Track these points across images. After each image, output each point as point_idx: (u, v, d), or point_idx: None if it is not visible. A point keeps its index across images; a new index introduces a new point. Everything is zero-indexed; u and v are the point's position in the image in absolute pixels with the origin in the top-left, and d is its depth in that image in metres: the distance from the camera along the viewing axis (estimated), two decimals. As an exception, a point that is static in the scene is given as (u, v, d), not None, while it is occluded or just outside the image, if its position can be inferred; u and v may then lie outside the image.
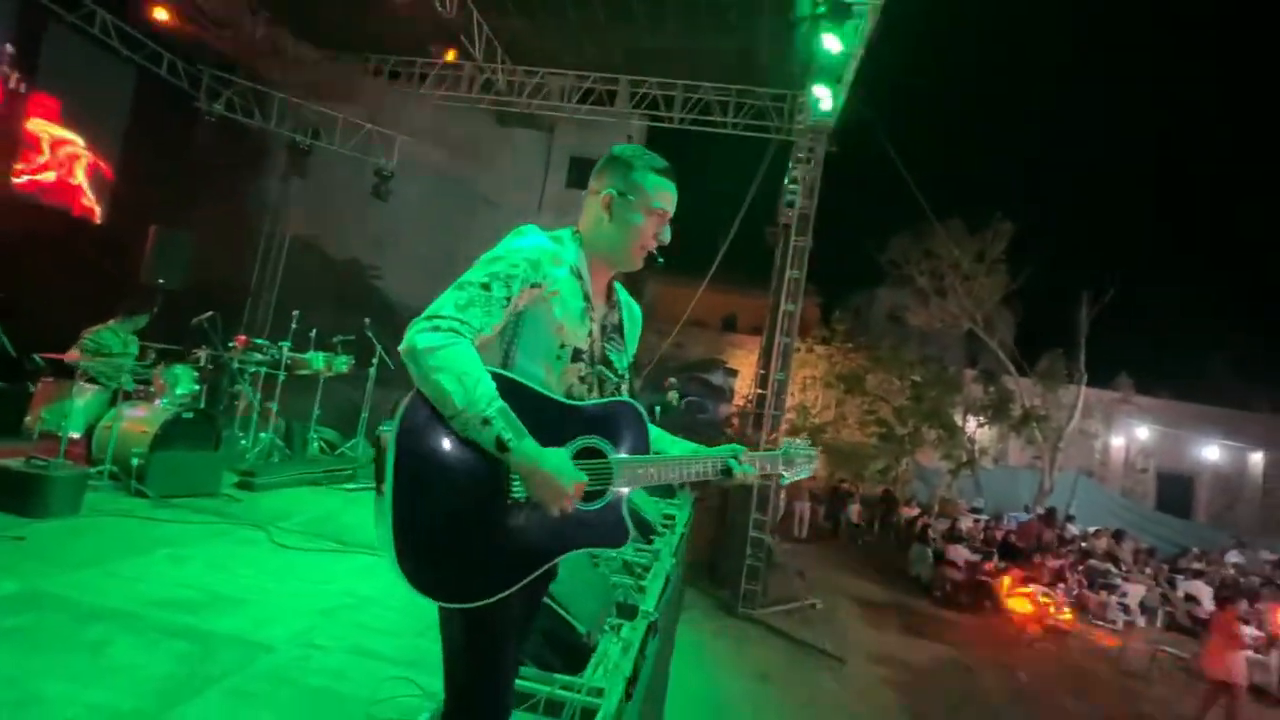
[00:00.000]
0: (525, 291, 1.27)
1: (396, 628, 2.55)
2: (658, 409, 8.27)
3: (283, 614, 2.68)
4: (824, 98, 7.28)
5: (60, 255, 6.69)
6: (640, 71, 8.94)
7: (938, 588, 10.29)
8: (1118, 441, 21.05)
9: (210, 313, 5.17)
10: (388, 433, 1.19)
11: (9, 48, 6.75)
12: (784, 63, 7.91)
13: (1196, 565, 12.14)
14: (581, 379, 1.37)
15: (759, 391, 8.81)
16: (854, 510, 14.72)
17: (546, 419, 1.26)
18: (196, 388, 5.02)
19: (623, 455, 1.36)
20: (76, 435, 4.27)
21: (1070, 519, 15.15)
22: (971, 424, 18.55)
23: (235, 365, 5.43)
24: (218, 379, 5.63)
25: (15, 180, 7.03)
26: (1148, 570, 11.69)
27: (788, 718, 5.57)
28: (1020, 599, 8.75)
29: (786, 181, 8.62)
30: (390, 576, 1.22)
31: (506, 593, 1.20)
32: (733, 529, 8.57)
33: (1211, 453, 20.06)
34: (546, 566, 1.28)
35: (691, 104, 8.99)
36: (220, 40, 8.34)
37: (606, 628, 2.66)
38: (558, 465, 1.19)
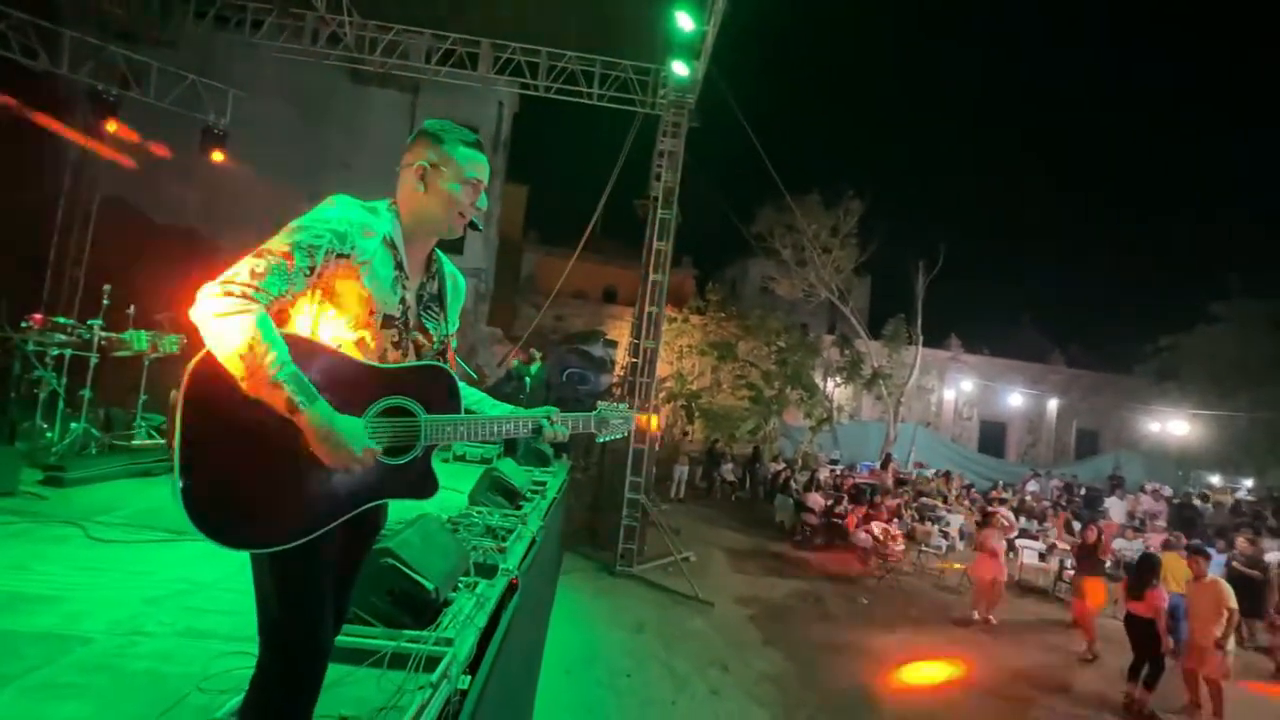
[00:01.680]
0: (331, 262, 1.31)
1: (235, 607, 2.45)
2: (527, 379, 8.30)
3: (101, 606, 2.47)
4: (681, 73, 7.53)
5: None
6: (501, 35, 8.69)
7: (798, 532, 11.37)
8: (949, 394, 24.10)
9: (-8, 287, 4.44)
10: (176, 394, 1.21)
11: None
12: (645, 34, 8.05)
13: (1004, 495, 14.35)
14: (395, 344, 1.44)
15: (632, 360, 9.11)
16: (727, 469, 15.71)
17: (348, 380, 1.33)
18: (-20, 374, 4.34)
19: (432, 415, 1.44)
20: None
21: (920, 465, 17.24)
22: (830, 384, 20.37)
23: (30, 348, 4.73)
24: (8, 364, 4.88)
25: None
26: (966, 503, 13.66)
27: (659, 660, 5.98)
28: (863, 535, 9.90)
29: (655, 155, 8.85)
30: (230, 560, 1.26)
31: (310, 537, 1.28)
32: (610, 494, 8.89)
33: (1017, 400, 23.56)
34: (350, 515, 1.35)
35: (557, 73, 8.90)
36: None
37: (461, 586, 2.75)
38: (348, 429, 1.26)
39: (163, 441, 5.62)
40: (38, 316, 4.96)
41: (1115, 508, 13.04)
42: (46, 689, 1.92)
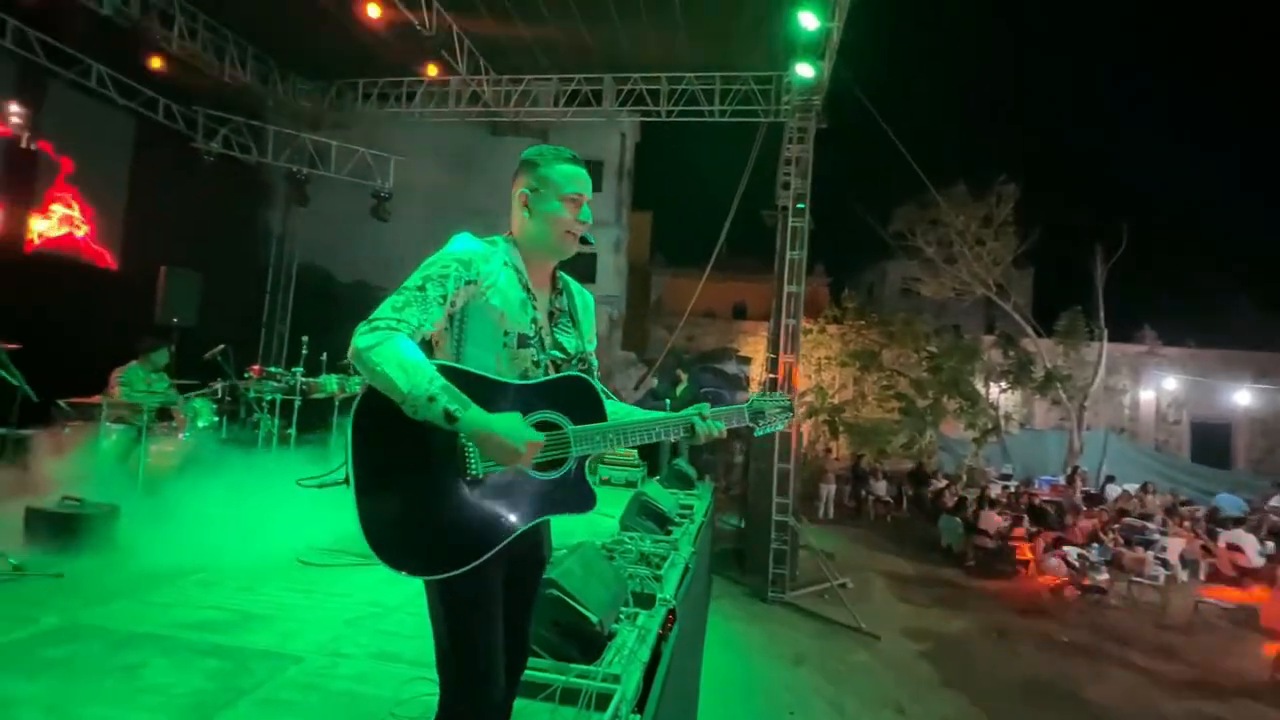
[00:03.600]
0: (461, 289, 1.38)
1: (419, 632, 2.60)
2: (667, 401, 8.30)
3: (309, 627, 2.76)
4: (807, 75, 7.25)
5: (78, 304, 6.89)
6: (622, 69, 8.97)
7: (970, 557, 10.20)
8: (1147, 395, 20.62)
9: (222, 346, 5.31)
10: (346, 425, 1.31)
11: (17, 108, 6.97)
12: (764, 44, 7.89)
13: (1237, 514, 11.85)
14: (535, 363, 1.47)
15: (771, 376, 8.80)
16: (879, 487, 14.60)
17: (493, 399, 1.34)
18: (216, 419, 5.16)
19: (579, 425, 1.43)
20: (107, 474, 4.42)
21: (1111, 479, 14.89)
22: (994, 390, 18.30)
23: (251, 395, 5.57)
24: (236, 409, 5.78)
25: (29, 237, 7.27)
26: (1186, 524, 11.45)
27: (825, 697, 5.57)
28: (1054, 562, 8.63)
29: (781, 163, 8.60)
30: (410, 584, 1.33)
31: (476, 562, 1.29)
32: (756, 515, 8.57)
33: (1244, 398, 19.54)
34: (514, 536, 1.36)
35: (677, 95, 9.00)
36: (212, 80, 8.52)
37: (622, 617, 2.71)
38: (508, 426, 1.27)
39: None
40: (255, 367, 5.86)
41: None
42: (270, 704, 2.14)
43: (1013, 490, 13.29)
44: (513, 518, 1.36)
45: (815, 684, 5.80)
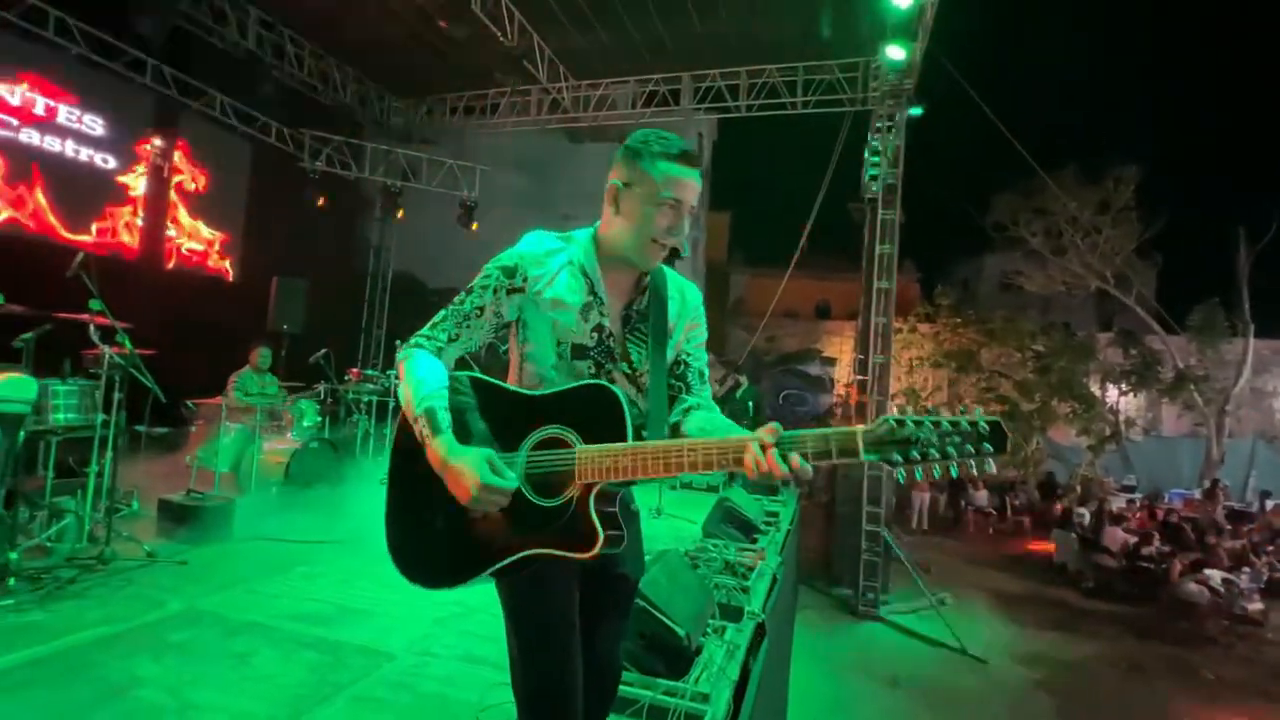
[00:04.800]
0: (504, 299, 1.30)
1: (500, 635, 2.61)
2: (751, 405, 8.06)
3: (402, 624, 2.82)
4: (898, 57, 6.83)
5: (203, 313, 7.60)
6: (701, 65, 8.84)
7: (1089, 577, 9.26)
8: (1304, 399, 18.03)
9: (324, 350, 5.63)
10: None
11: (159, 141, 7.78)
12: (851, 29, 7.51)
13: None
14: (594, 377, 1.32)
15: (859, 378, 8.36)
16: (979, 496, 13.59)
17: (507, 413, 1.27)
18: (319, 419, 5.48)
19: (589, 446, 1.19)
20: (226, 471, 4.79)
21: (1267, 494, 13.15)
22: (1113, 393, 16.61)
23: (350, 396, 5.88)
24: (336, 410, 6.12)
25: (167, 254, 8.08)
26: (1361, 548, 9.86)
27: (926, 724, 5.18)
28: (1195, 587, 7.64)
29: (867, 154, 8.16)
30: (492, 588, 1.28)
31: (464, 584, 1.24)
32: (844, 523, 8.16)
33: None
34: (507, 560, 1.20)
35: (757, 89, 8.75)
36: (317, 104, 9.17)
37: (709, 630, 2.58)
38: (462, 464, 1.15)
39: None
40: (354, 370, 6.18)
41: None
42: (365, 701, 2.18)
43: (1139, 504, 11.97)
44: (505, 542, 1.21)
45: (914, 710, 5.41)
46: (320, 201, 9.18)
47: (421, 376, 1.22)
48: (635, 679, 2.07)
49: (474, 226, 9.99)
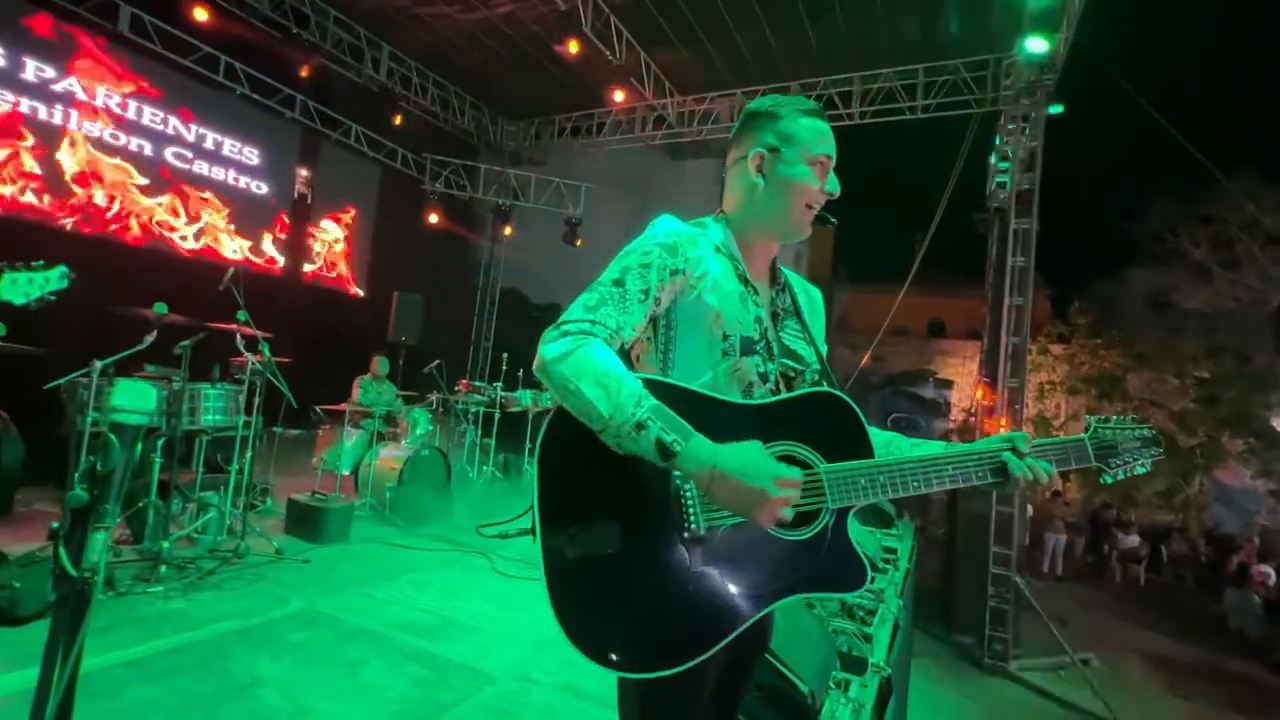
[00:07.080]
0: (668, 283, 1.08)
1: (605, 666, 2.48)
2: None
3: (503, 643, 2.77)
4: (1039, 49, 6.20)
5: (333, 325, 8.24)
6: (810, 74, 8.52)
7: (1276, 649, 7.80)
8: None
9: (437, 361, 5.87)
10: (534, 461, 1.02)
11: (303, 171, 8.62)
12: (980, 24, 6.94)
13: None
14: (761, 376, 1.12)
15: (984, 404, 7.59)
16: (1129, 541, 11.96)
17: (721, 427, 0.97)
18: (431, 428, 5.69)
19: (835, 464, 1.04)
20: (347, 473, 5.07)
21: None
22: (1300, 430, 14.13)
23: (459, 406, 6.08)
24: (446, 419, 6.35)
25: (305, 273, 8.86)
26: None
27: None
28: None
29: (993, 159, 7.47)
30: None
31: (698, 660, 0.93)
32: (965, 564, 7.39)
33: None
34: (749, 623, 0.97)
35: (871, 95, 8.29)
36: (437, 129, 9.78)
37: (831, 685, 2.31)
38: (745, 460, 0.91)
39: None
40: (464, 382, 6.40)
41: None
42: (466, 726, 2.12)
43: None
44: (747, 598, 0.98)
45: (1058, 786, 4.70)
46: (437, 220, 9.77)
47: (619, 372, 0.94)
48: (751, 737, 1.85)
49: (578, 243, 10.20)
